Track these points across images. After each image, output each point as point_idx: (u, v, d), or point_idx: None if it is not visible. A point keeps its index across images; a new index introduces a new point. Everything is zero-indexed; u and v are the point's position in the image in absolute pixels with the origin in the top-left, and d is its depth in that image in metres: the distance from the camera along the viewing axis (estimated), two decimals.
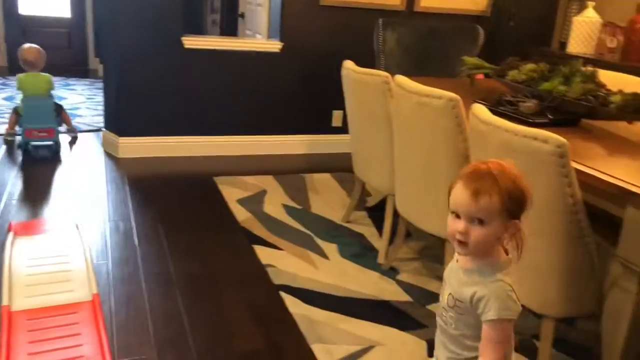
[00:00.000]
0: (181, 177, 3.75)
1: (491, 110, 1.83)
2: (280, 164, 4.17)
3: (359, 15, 4.31)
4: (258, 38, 4.75)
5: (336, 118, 4.56)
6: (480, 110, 1.81)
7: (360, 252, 2.83)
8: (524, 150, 1.62)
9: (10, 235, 2.51)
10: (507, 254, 1.21)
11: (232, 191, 3.49)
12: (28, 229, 2.69)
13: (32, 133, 3.81)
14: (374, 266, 2.69)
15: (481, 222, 1.14)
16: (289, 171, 3.97)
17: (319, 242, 2.90)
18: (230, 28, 5.59)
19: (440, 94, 2.04)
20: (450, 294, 1.25)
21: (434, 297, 2.43)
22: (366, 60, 4.39)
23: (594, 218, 1.69)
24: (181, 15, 3.95)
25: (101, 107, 5.40)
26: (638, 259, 1.56)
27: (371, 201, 3.48)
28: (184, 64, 4.01)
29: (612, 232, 1.70)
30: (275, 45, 4.20)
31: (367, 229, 3.10)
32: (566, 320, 2.29)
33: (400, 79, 2.26)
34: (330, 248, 2.84)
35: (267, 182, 3.71)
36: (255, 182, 3.70)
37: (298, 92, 4.36)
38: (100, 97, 5.88)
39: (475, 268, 1.21)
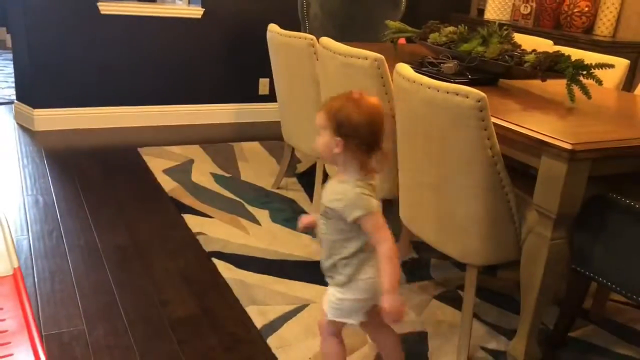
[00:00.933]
0: (104, 149, 3.61)
1: (414, 71, 1.88)
2: (207, 134, 4.10)
3: None
4: (178, 4, 4.60)
5: (263, 86, 4.51)
6: (404, 68, 1.85)
7: (291, 216, 2.85)
8: (446, 105, 1.67)
9: None
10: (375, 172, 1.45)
11: (157, 162, 3.41)
12: None
13: None
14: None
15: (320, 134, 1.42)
16: (216, 140, 3.92)
17: (250, 208, 2.90)
18: None
19: (366, 55, 2.06)
20: (323, 204, 1.47)
21: None
22: (291, 26, 4.36)
23: (512, 172, 1.78)
24: None
25: (12, 79, 5.09)
26: (552, 206, 1.66)
27: (301, 167, 3.51)
28: (100, 31, 3.83)
29: (528, 184, 1.80)
30: (196, 11, 4.09)
31: (298, 195, 3.12)
32: (487, 270, 2.43)
33: (326, 40, 2.26)
34: (262, 214, 2.85)
35: (194, 152, 3.64)
36: (182, 152, 3.62)
37: (222, 60, 4.27)
38: (10, 69, 5.52)
39: (343, 180, 1.43)
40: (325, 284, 1.56)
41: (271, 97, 4.55)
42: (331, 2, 3.57)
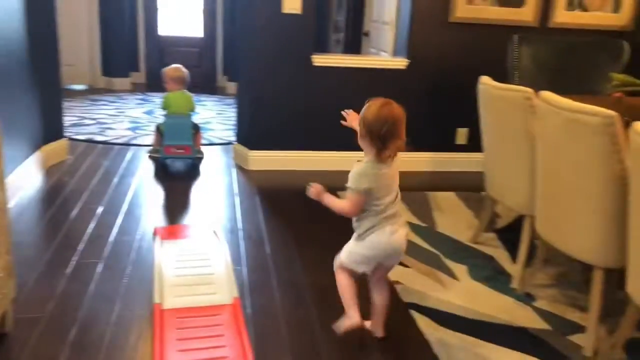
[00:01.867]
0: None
1: None
2: (402, 181, 4.07)
3: (489, 32, 4.21)
4: (383, 55, 4.78)
5: (460, 135, 4.46)
6: None
7: (491, 275, 2.72)
8: None
9: (158, 239, 2.70)
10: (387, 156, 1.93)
11: None
12: (172, 233, 2.88)
13: (170, 150, 4.07)
14: (507, 290, 2.57)
15: None
16: (411, 188, 3.93)
17: (447, 262, 2.83)
18: (353, 47, 5.68)
19: (595, 111, 1.92)
20: None
21: (576, 328, 2.28)
22: (496, 77, 4.28)
23: None
24: (312, 34, 4.08)
25: (230, 122, 5.71)
26: None
27: (501, 222, 3.35)
28: (312, 81, 4.13)
29: None
30: (401, 62, 4.21)
31: (497, 251, 2.98)
32: None
33: (548, 95, 2.16)
34: (460, 269, 2.76)
35: None
36: None
37: (422, 109, 4.32)
38: (229, 113, 6.21)
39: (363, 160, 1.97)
40: (538, 356, 1.45)
41: (469, 147, 4.48)
42: (544, 53, 3.43)
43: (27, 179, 3.57)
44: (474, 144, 4.46)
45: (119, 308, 2.26)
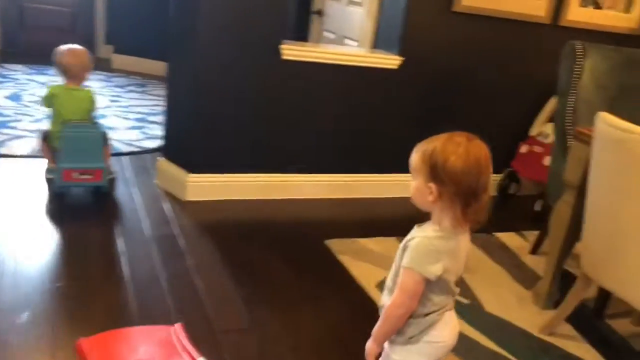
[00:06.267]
0: (286, 236, 2.75)
1: None
2: (395, 211, 3.16)
3: (498, 26, 3.36)
4: (349, 43, 3.77)
5: None
6: None
7: None
8: None
9: None
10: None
11: (361, 268, 2.53)
12: (113, 353, 1.65)
13: (71, 175, 2.71)
14: None
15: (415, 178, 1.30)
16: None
17: None
18: (298, 28, 4.51)
19: None
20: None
21: None
22: (506, 82, 3.49)
23: None
24: (285, 15, 2.95)
25: (133, 117, 4.35)
26: None
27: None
28: (277, 79, 3.00)
29: None
30: (392, 61, 3.22)
31: (579, 348, 2.17)
32: None
33: None
34: None
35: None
36: (380, 249, 2.73)
37: (415, 120, 3.36)
38: (126, 101, 4.80)
39: (429, 224, 1.32)
40: None
41: None
42: (601, 69, 2.65)
43: None
44: None
45: None
